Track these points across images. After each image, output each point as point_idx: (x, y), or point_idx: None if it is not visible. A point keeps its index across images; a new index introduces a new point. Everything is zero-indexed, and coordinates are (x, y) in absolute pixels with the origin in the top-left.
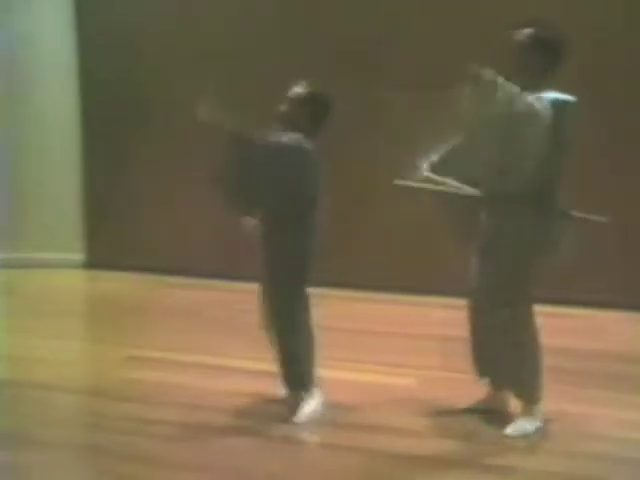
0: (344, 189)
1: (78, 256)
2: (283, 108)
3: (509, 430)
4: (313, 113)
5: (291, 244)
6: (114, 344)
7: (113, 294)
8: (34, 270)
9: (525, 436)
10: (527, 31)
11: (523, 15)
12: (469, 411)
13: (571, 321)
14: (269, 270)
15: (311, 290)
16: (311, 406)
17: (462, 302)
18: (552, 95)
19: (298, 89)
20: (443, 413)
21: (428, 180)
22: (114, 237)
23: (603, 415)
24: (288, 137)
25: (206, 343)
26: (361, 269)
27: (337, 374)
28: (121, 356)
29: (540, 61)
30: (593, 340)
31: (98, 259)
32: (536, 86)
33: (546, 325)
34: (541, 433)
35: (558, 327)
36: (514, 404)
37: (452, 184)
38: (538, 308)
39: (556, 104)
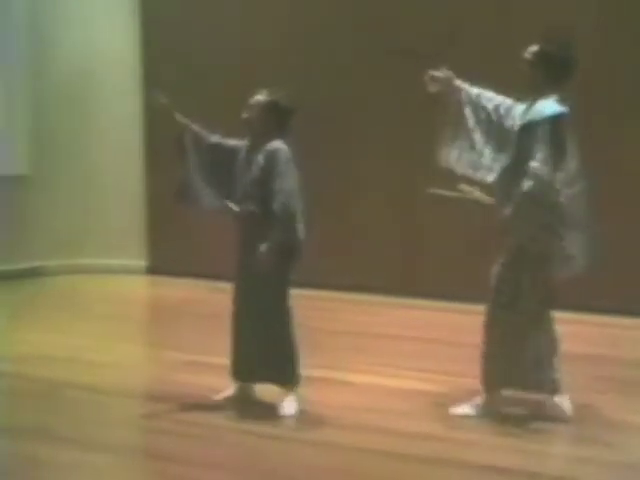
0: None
1: (141, 262)
2: (246, 115)
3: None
4: (276, 119)
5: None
6: (173, 349)
7: (174, 299)
8: (98, 275)
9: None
10: (533, 47)
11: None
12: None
13: (585, 328)
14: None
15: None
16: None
17: None
18: (549, 106)
19: (260, 96)
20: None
21: (459, 190)
22: (176, 244)
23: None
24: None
25: None
26: (409, 275)
27: (377, 380)
28: (179, 360)
29: (545, 76)
30: (608, 347)
31: (160, 265)
32: (542, 95)
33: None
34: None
35: (575, 334)
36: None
37: (482, 194)
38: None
39: (555, 117)
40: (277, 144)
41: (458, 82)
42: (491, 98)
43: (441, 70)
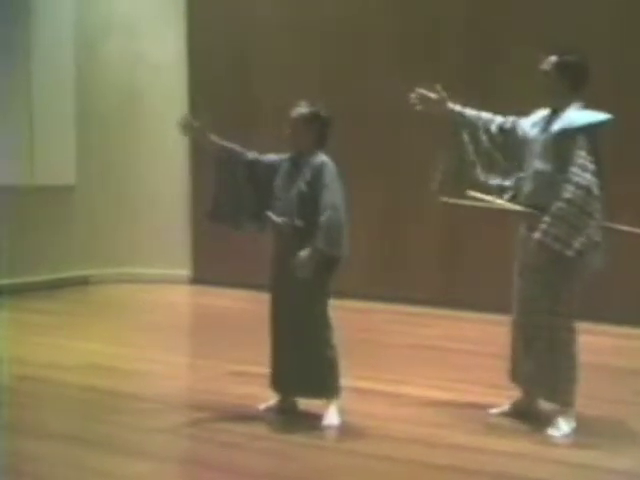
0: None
1: (185, 272)
2: (288, 130)
3: (550, 431)
4: (318, 130)
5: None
6: (216, 358)
7: (217, 309)
8: (143, 285)
9: (565, 436)
10: (552, 59)
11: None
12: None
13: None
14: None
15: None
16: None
17: None
18: (585, 115)
19: (300, 109)
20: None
21: (472, 197)
22: (220, 254)
23: None
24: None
25: None
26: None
27: (423, 391)
28: (222, 370)
29: (564, 84)
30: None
31: (204, 275)
32: (564, 105)
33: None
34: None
35: (594, 345)
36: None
37: (496, 201)
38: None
39: (592, 126)
40: (323, 158)
41: (451, 105)
42: (492, 119)
43: (435, 90)
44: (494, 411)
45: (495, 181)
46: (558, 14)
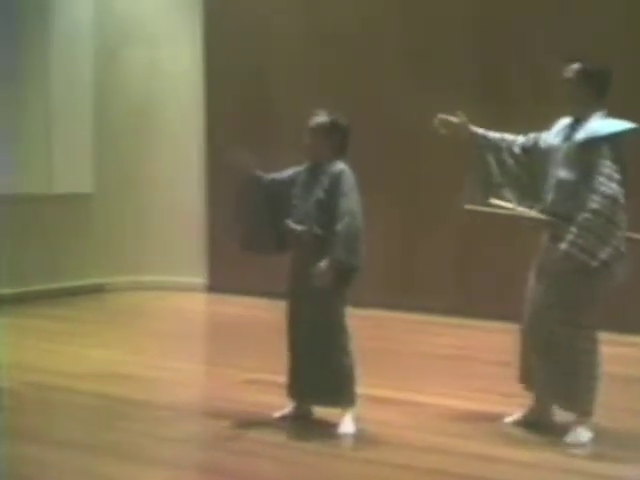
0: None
1: (201, 280)
2: (307, 140)
3: (567, 440)
4: (338, 139)
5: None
6: (231, 366)
7: (233, 317)
8: (159, 292)
9: (583, 445)
10: (575, 66)
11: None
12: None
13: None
14: (302, 287)
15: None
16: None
17: None
18: (609, 124)
19: (319, 118)
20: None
21: (495, 205)
22: (236, 262)
23: None
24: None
25: None
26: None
27: (438, 400)
28: (237, 378)
29: (588, 92)
30: None
31: (220, 283)
32: (587, 114)
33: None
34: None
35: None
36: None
37: (518, 208)
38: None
39: (616, 135)
40: (341, 166)
41: (474, 128)
42: (514, 140)
43: (456, 115)
44: (509, 420)
45: (525, 203)
46: (577, 21)
